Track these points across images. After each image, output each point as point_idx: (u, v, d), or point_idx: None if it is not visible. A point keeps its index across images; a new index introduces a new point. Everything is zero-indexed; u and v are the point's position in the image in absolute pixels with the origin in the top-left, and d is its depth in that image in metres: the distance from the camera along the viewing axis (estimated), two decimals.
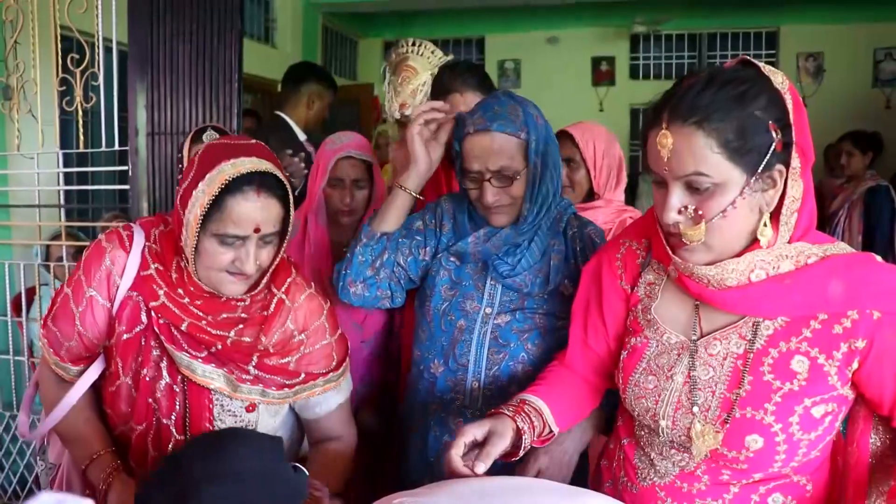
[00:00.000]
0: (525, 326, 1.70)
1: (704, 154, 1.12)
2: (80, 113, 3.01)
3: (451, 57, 2.58)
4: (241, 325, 1.49)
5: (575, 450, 1.56)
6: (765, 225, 1.16)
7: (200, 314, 1.47)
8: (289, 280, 1.57)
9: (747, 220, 1.16)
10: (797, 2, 6.77)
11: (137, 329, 1.49)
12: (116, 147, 3.00)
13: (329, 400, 1.64)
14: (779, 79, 1.17)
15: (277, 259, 1.49)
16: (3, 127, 3.41)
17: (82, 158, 3.15)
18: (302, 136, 3.48)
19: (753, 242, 1.19)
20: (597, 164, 2.33)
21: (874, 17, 6.61)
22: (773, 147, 1.12)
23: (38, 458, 1.85)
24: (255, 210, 1.38)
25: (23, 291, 3.32)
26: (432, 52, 2.54)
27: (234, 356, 1.48)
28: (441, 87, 2.22)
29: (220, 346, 1.46)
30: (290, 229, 1.47)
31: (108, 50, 2.98)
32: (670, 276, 1.31)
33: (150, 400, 1.49)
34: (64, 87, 3.07)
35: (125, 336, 1.49)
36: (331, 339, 1.61)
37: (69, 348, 1.53)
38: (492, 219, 1.72)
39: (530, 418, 1.35)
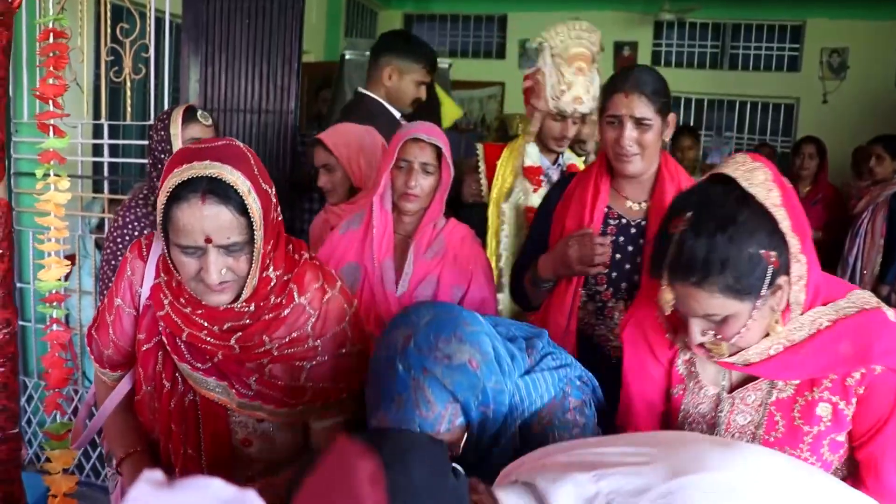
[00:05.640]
0: None
1: (708, 302, 1.21)
2: (129, 84, 2.97)
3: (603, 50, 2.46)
4: (240, 333, 1.40)
5: None
6: (776, 322, 1.27)
7: (203, 324, 1.40)
8: (314, 286, 1.46)
9: (764, 323, 1.27)
10: None
11: (156, 339, 1.48)
12: None
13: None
14: (759, 178, 1.21)
15: (257, 266, 1.35)
16: None
17: (112, 129, 3.13)
18: (397, 114, 2.97)
19: None
20: (352, 161, 2.41)
21: None
22: (770, 270, 1.20)
23: (106, 464, 1.83)
24: (199, 219, 1.26)
25: None
26: (602, 48, 2.41)
27: (234, 368, 1.42)
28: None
29: (220, 357, 1.41)
30: (258, 236, 1.32)
31: (158, 21, 2.93)
32: None
33: (168, 410, 1.47)
34: (112, 57, 3.03)
35: (144, 346, 1.49)
36: (352, 349, 1.48)
37: (108, 356, 1.56)
38: None
39: None
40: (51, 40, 1.59)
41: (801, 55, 7.21)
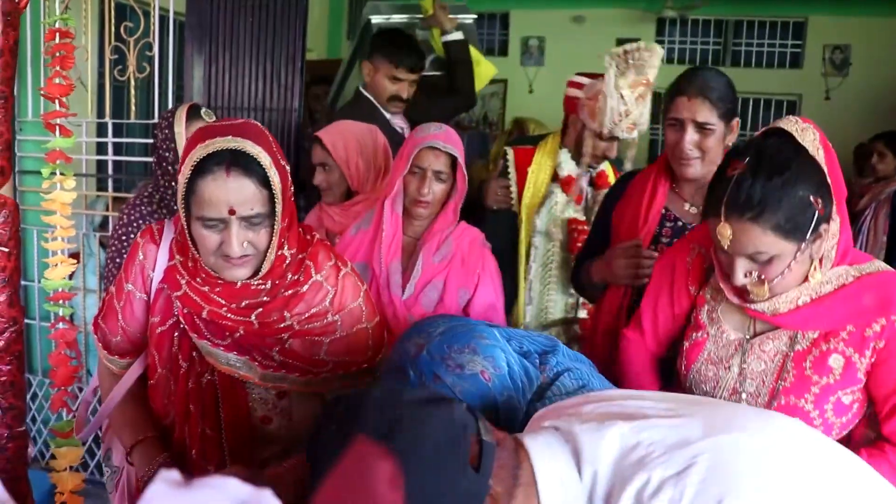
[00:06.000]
0: None
1: (760, 239, 1.31)
2: (133, 83, 2.98)
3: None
4: (260, 309, 1.43)
5: None
6: (815, 269, 1.37)
7: (222, 301, 1.43)
8: (329, 264, 1.52)
9: (803, 269, 1.37)
10: None
11: (171, 321, 1.50)
12: None
13: None
14: (810, 136, 1.32)
15: (276, 240, 1.39)
16: None
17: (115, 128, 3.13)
18: (387, 115, 3.01)
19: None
20: (349, 163, 2.36)
21: None
22: (816, 215, 1.30)
23: (103, 463, 1.83)
24: (224, 191, 1.31)
25: None
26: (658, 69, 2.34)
27: (256, 342, 1.45)
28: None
29: (242, 332, 1.44)
30: (278, 209, 1.37)
31: (162, 19, 2.94)
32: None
33: (186, 391, 1.49)
34: (116, 56, 3.04)
35: (159, 329, 1.51)
36: (367, 325, 1.54)
37: (116, 343, 1.57)
38: None
39: None
40: (57, 40, 1.59)
41: (803, 52, 7.19)
